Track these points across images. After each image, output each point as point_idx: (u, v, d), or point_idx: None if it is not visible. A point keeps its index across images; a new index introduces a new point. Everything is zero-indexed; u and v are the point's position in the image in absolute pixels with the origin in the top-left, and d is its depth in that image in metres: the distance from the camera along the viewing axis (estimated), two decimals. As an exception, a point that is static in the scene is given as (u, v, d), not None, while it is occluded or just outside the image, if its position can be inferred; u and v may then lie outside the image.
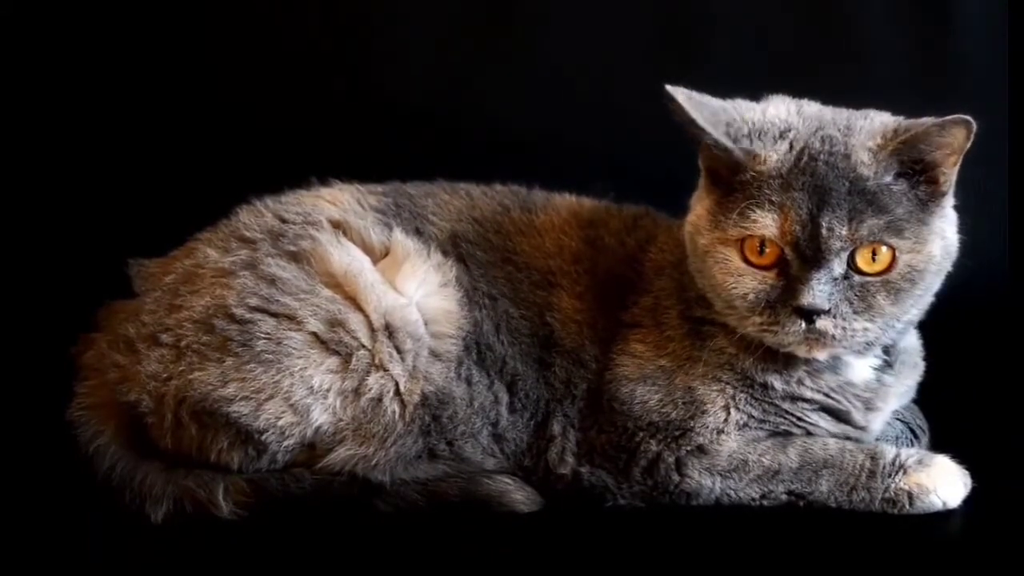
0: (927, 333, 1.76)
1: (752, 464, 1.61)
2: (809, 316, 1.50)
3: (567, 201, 1.82)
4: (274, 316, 1.61)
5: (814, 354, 1.56)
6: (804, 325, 1.51)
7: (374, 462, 1.63)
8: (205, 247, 1.71)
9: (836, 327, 1.51)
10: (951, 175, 1.54)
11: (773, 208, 1.52)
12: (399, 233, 1.72)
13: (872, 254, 1.51)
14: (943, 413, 1.81)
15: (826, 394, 1.62)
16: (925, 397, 1.79)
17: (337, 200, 1.77)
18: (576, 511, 1.64)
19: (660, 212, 1.80)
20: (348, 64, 2.49)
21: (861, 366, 1.63)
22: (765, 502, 1.61)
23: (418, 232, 1.74)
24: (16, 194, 2.44)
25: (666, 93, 1.56)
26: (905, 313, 1.56)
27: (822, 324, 1.50)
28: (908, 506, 1.58)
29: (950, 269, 1.59)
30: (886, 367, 1.65)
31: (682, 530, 1.59)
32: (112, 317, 1.73)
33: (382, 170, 1.88)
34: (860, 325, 1.52)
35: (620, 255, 1.73)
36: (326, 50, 2.49)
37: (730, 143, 1.54)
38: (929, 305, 1.62)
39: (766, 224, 1.52)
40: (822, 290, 1.49)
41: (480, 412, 1.67)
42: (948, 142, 1.50)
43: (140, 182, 2.45)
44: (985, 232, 2.41)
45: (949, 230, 1.57)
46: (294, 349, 1.60)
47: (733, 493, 1.62)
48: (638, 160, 2.32)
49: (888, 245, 1.51)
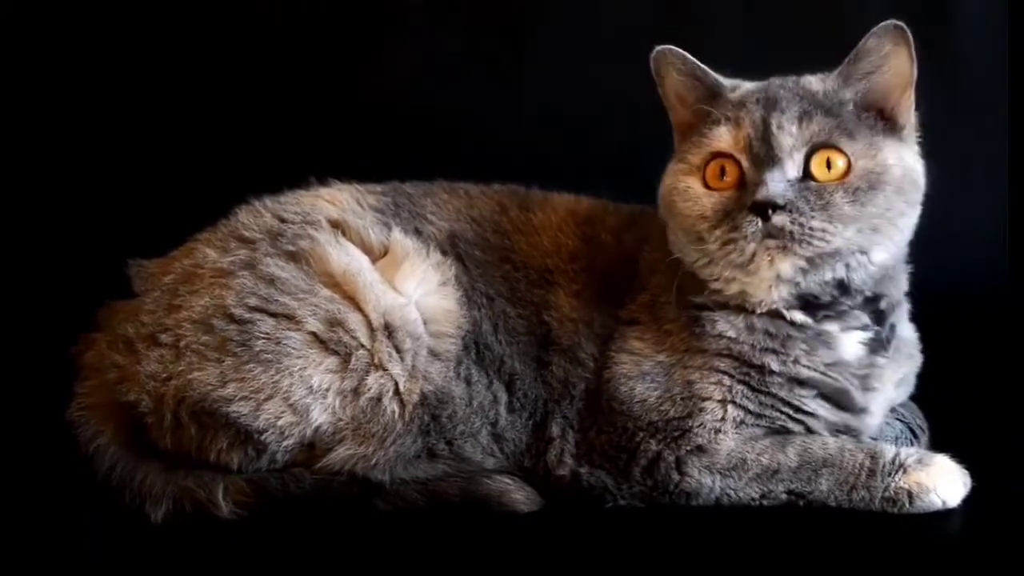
0: (926, 332, 1.76)
1: (751, 463, 1.61)
2: (765, 211, 1.52)
3: (565, 200, 1.82)
4: (273, 316, 1.61)
5: (778, 265, 1.56)
6: (761, 223, 1.53)
7: (373, 462, 1.63)
8: (204, 247, 1.71)
9: (793, 223, 1.52)
10: (903, 105, 1.61)
11: (729, 122, 1.59)
12: (398, 232, 1.72)
13: (827, 163, 1.55)
14: (943, 413, 1.81)
15: (823, 373, 1.62)
16: (924, 396, 1.79)
17: (336, 200, 1.77)
18: (576, 511, 1.64)
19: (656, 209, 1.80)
20: (348, 64, 2.49)
21: (850, 341, 1.63)
22: (765, 502, 1.61)
23: (417, 232, 1.75)
24: (16, 194, 2.45)
25: (656, 53, 1.64)
26: (865, 221, 1.56)
27: (779, 219, 1.52)
28: (908, 505, 1.57)
29: (919, 205, 1.61)
30: (878, 346, 1.65)
31: (682, 530, 1.59)
32: (112, 317, 1.73)
33: (381, 170, 1.88)
34: (818, 224, 1.53)
35: (617, 253, 1.74)
36: (326, 50, 2.49)
37: (712, 73, 1.65)
38: (903, 250, 1.64)
39: (721, 136, 1.59)
40: (776, 185, 1.53)
41: (479, 411, 1.67)
42: (894, 52, 1.57)
43: (140, 182, 2.45)
44: (985, 232, 2.43)
45: (910, 158, 1.61)
46: (293, 349, 1.60)
47: (733, 493, 1.61)
48: (638, 160, 2.32)
49: (840, 150, 1.55)
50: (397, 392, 1.63)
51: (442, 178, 1.86)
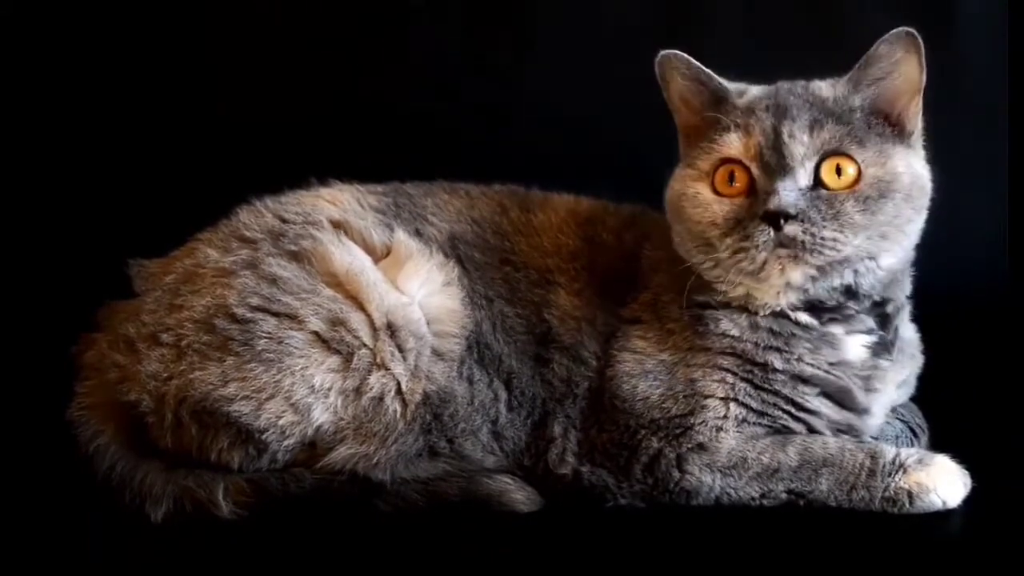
0: (927, 332, 1.76)
1: (751, 461, 1.61)
2: (777, 221, 1.52)
3: (565, 200, 1.82)
4: (275, 315, 1.61)
5: (789, 273, 1.56)
6: (773, 233, 1.53)
7: (375, 461, 1.63)
8: (205, 247, 1.71)
9: (805, 232, 1.52)
10: (911, 111, 1.61)
11: (738, 129, 1.59)
12: (401, 233, 1.72)
13: (837, 170, 1.55)
14: (943, 413, 1.81)
15: (826, 371, 1.62)
16: (925, 397, 1.79)
17: (337, 200, 1.77)
18: (576, 511, 1.64)
19: (656, 210, 1.80)
20: (348, 64, 2.49)
21: (854, 343, 1.63)
22: (765, 501, 1.61)
23: (417, 232, 1.75)
24: (16, 194, 2.45)
25: (661, 58, 1.64)
26: (875, 229, 1.56)
27: (790, 229, 1.52)
28: (908, 505, 1.57)
29: (926, 210, 1.61)
30: (881, 349, 1.65)
31: (682, 530, 1.59)
32: (112, 317, 1.73)
33: (381, 170, 1.88)
34: (829, 233, 1.53)
35: (618, 252, 1.74)
36: (326, 50, 2.49)
37: (717, 78, 1.63)
38: (910, 256, 1.65)
39: (731, 143, 1.59)
40: (788, 195, 1.53)
41: (480, 409, 1.67)
42: (904, 59, 1.57)
43: (140, 182, 2.45)
44: (985, 232, 2.43)
45: (918, 164, 1.62)
46: (295, 348, 1.60)
47: (733, 492, 1.61)
48: (638, 160, 2.32)
49: (851, 157, 1.55)
50: (399, 391, 1.63)
51: (442, 178, 1.86)
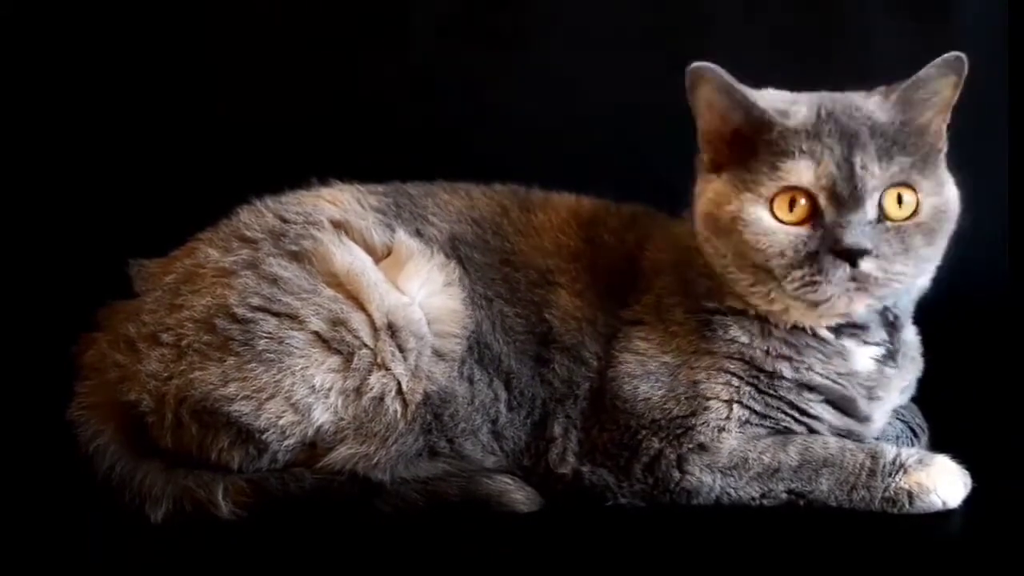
0: (927, 333, 1.76)
1: (752, 462, 1.61)
2: (853, 258, 1.50)
3: (566, 200, 1.82)
4: (276, 315, 1.61)
5: (854, 305, 1.56)
6: (848, 269, 1.51)
7: (375, 461, 1.63)
8: (206, 247, 1.71)
9: (879, 268, 1.51)
10: (942, 129, 1.59)
11: (805, 156, 1.53)
12: (402, 233, 1.72)
13: (898, 199, 1.53)
14: (943, 413, 1.81)
15: (833, 380, 1.62)
16: (925, 397, 1.79)
17: (337, 200, 1.77)
18: (576, 511, 1.64)
19: (658, 211, 1.80)
20: (348, 64, 2.49)
21: (864, 355, 1.63)
22: (765, 501, 1.61)
23: (418, 233, 1.74)
24: (16, 194, 2.45)
25: (693, 68, 1.56)
26: (934, 258, 1.58)
27: (866, 266, 1.51)
28: (908, 505, 1.57)
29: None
30: (888, 359, 1.65)
31: (682, 530, 1.59)
32: (112, 317, 1.73)
33: (382, 170, 1.88)
34: (900, 268, 1.53)
35: (619, 252, 1.74)
36: (326, 50, 2.49)
37: (761, 102, 1.56)
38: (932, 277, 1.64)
39: (800, 171, 1.53)
40: (863, 230, 1.51)
41: (480, 409, 1.67)
42: (947, 82, 1.55)
43: (140, 182, 2.45)
44: (985, 232, 2.42)
45: (951, 185, 1.60)
46: (296, 348, 1.60)
47: (733, 491, 1.62)
48: (638, 160, 2.32)
49: (913, 188, 1.53)
50: (400, 392, 1.63)
51: (442, 178, 1.86)
